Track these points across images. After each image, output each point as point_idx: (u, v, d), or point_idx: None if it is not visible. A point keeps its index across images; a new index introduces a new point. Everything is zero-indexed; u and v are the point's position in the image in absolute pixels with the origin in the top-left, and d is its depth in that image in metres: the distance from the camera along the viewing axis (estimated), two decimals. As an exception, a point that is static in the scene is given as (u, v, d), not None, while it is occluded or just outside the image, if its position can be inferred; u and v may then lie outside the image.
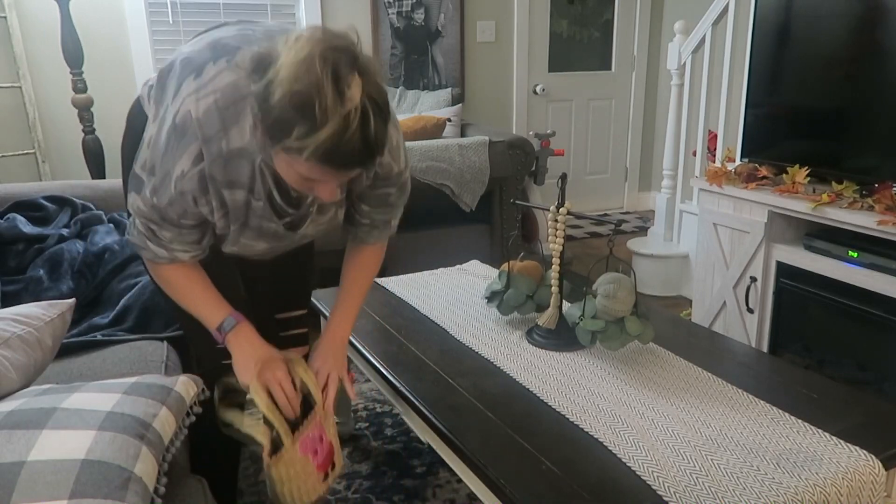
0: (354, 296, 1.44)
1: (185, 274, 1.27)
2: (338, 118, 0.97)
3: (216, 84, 1.10)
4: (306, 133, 0.98)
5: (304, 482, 1.30)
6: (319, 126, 0.97)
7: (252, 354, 1.28)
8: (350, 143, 0.99)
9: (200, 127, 1.09)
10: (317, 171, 1.04)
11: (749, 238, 2.41)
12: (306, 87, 0.96)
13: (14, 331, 1.21)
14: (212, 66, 1.12)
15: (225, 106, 1.09)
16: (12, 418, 0.96)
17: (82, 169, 3.28)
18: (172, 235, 1.20)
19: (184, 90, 1.12)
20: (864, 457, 1.16)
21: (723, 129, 3.01)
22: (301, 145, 0.99)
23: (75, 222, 2.08)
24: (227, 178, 1.13)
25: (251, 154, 1.12)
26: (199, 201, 1.15)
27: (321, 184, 1.09)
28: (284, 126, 0.99)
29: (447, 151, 3.15)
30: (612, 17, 4.69)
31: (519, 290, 1.70)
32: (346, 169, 1.06)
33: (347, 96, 0.97)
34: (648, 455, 1.17)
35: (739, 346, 1.68)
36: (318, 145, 0.98)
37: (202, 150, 1.10)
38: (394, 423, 2.20)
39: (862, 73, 2.12)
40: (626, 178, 5.00)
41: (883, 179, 2.03)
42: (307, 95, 0.96)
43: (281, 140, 1.01)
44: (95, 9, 3.41)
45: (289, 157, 1.04)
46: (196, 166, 1.11)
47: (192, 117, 1.09)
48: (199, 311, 1.30)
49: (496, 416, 1.30)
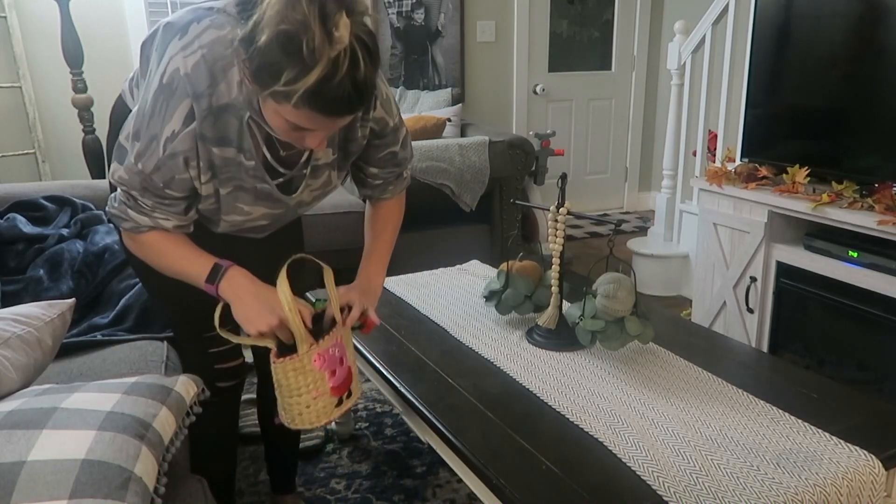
0: (384, 246, 1.44)
1: (165, 236, 1.21)
2: (326, 60, 0.94)
3: (202, 40, 1.08)
4: (295, 77, 0.95)
5: (317, 400, 1.23)
6: (308, 69, 0.94)
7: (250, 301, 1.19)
8: (340, 87, 0.97)
9: (191, 83, 1.06)
10: (305, 118, 1.02)
11: (749, 238, 2.41)
12: (293, 27, 0.94)
13: (14, 331, 1.21)
14: (196, 24, 1.10)
15: (213, 60, 1.07)
16: (12, 418, 0.96)
17: (82, 169, 3.28)
18: (154, 203, 1.16)
19: (169, 51, 1.09)
20: (864, 457, 1.16)
21: (723, 129, 3.01)
22: (289, 90, 0.96)
23: (75, 222, 2.08)
24: (216, 135, 1.11)
25: (238, 110, 1.10)
26: (190, 163, 1.12)
27: (310, 132, 1.06)
28: (272, 70, 0.96)
29: (447, 151, 3.15)
30: (612, 17, 4.69)
31: (517, 290, 1.70)
32: (336, 115, 1.03)
33: (336, 37, 0.94)
34: (648, 455, 1.17)
35: (739, 346, 1.68)
36: (307, 89, 0.96)
37: (193, 106, 1.07)
38: (394, 423, 2.20)
39: (862, 73, 2.12)
40: (626, 178, 5.00)
41: (883, 179, 2.03)
42: (294, 35, 0.94)
43: (269, 85, 0.98)
44: (95, 9, 3.42)
45: (277, 105, 1.01)
46: (187, 126, 1.08)
47: (180, 74, 1.06)
48: (185, 270, 1.23)
49: (496, 416, 1.30)
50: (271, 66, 0.96)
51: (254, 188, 1.20)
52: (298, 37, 0.93)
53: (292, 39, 0.94)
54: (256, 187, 1.20)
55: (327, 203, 2.77)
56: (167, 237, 1.21)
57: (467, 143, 3.21)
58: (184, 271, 1.23)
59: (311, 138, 1.08)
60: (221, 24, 1.09)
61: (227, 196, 1.20)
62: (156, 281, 1.42)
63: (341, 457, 2.03)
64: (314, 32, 0.93)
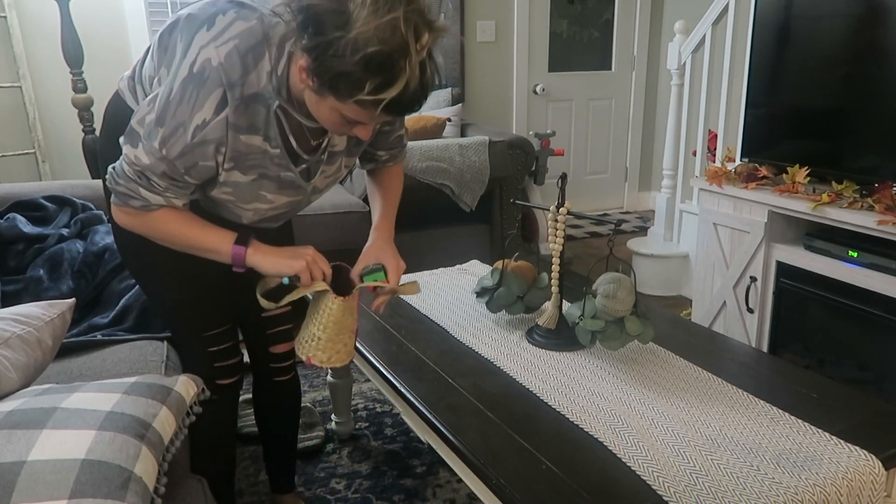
0: (391, 204, 1.49)
1: (178, 213, 1.22)
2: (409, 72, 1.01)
3: (232, 31, 1.11)
4: (377, 88, 1.01)
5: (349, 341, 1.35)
6: (393, 81, 1.00)
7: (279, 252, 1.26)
8: (414, 93, 1.04)
9: (225, 72, 1.09)
10: (366, 116, 1.08)
11: (749, 238, 2.41)
12: (393, 50, 0.99)
13: (14, 331, 1.21)
14: (222, 16, 1.13)
15: (245, 51, 1.10)
16: (12, 418, 0.96)
17: (82, 169, 3.28)
18: (168, 185, 1.17)
19: (198, 40, 1.11)
20: (864, 457, 1.16)
21: (723, 129, 3.01)
22: (373, 99, 1.02)
23: (75, 222, 2.08)
24: (246, 123, 1.14)
25: (266, 99, 1.14)
26: (220, 149, 1.14)
27: (361, 125, 1.13)
28: (356, 82, 1.01)
29: (447, 151, 3.15)
30: (612, 17, 4.69)
31: (510, 289, 1.70)
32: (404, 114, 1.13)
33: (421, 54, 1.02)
34: (648, 455, 1.17)
35: (739, 345, 1.68)
36: (393, 98, 1.02)
37: (226, 95, 1.10)
38: (394, 423, 2.20)
39: (862, 73, 2.12)
40: (626, 178, 5.00)
41: (883, 179, 2.03)
42: (393, 57, 0.99)
43: (350, 94, 1.03)
44: (95, 9, 3.42)
45: (340, 104, 1.06)
46: (218, 114, 1.10)
47: (212, 64, 1.09)
48: (205, 242, 1.24)
49: (496, 416, 1.30)
50: (357, 79, 1.01)
51: (277, 176, 1.24)
52: (396, 59, 0.99)
53: (390, 60, 0.99)
54: (280, 175, 1.24)
55: (327, 203, 2.77)
56: (180, 213, 1.23)
57: (467, 143, 3.21)
58: (203, 244, 1.24)
59: (360, 130, 1.14)
60: (247, 15, 1.12)
61: (251, 184, 1.22)
62: (154, 281, 1.43)
63: (341, 457, 2.03)
64: (412, 54, 1.00)
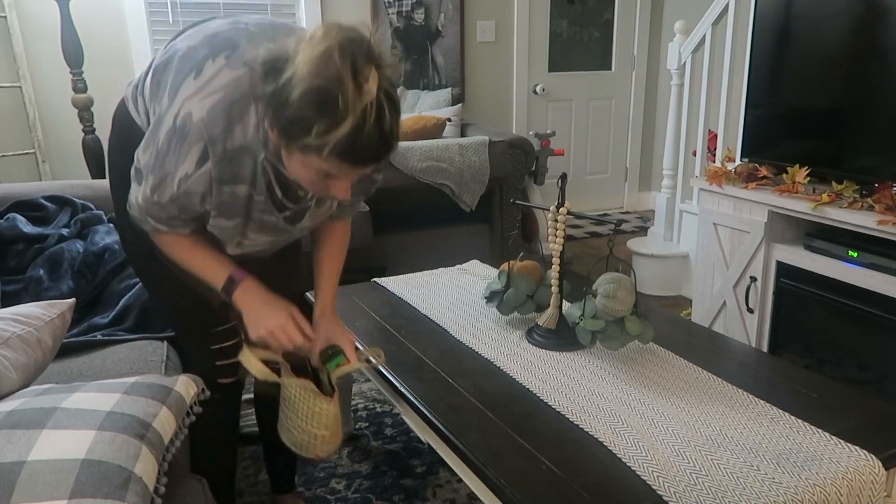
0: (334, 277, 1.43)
1: (183, 239, 1.26)
2: (357, 113, 0.97)
3: (217, 83, 1.10)
4: (325, 130, 0.98)
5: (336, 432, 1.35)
6: (340, 121, 0.97)
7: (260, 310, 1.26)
8: (368, 138, 1.00)
9: (206, 127, 1.08)
10: (334, 168, 1.04)
11: (749, 238, 2.41)
12: (326, 82, 0.96)
13: (14, 331, 1.21)
14: (211, 63, 1.12)
15: (229, 104, 1.09)
16: (12, 418, 0.96)
17: (82, 169, 3.28)
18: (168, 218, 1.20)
19: (184, 90, 1.11)
20: (864, 457, 1.16)
21: (723, 129, 3.01)
22: (321, 142, 0.99)
23: (75, 222, 2.08)
24: (230, 174, 1.13)
25: (253, 151, 1.12)
26: (206, 199, 1.15)
27: (337, 182, 1.09)
28: (303, 124, 0.99)
29: (447, 151, 3.15)
30: (612, 17, 4.69)
31: (519, 290, 1.70)
32: (364, 164, 1.06)
33: (365, 90, 0.97)
34: (648, 455, 1.17)
35: (739, 345, 1.68)
36: (338, 142, 0.99)
37: (207, 150, 1.09)
38: (394, 423, 2.20)
39: (862, 73, 2.12)
40: (626, 178, 5.00)
41: (883, 179, 2.03)
42: (327, 90, 0.96)
43: (299, 139, 1.01)
44: (95, 9, 3.41)
45: (304, 157, 1.04)
46: (200, 168, 1.11)
47: (193, 119, 1.08)
48: (204, 273, 1.28)
49: (496, 416, 1.30)
50: (302, 121, 0.99)
51: (260, 220, 1.23)
52: (332, 92, 0.96)
53: (326, 94, 0.96)
54: (263, 219, 1.23)
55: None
56: (185, 240, 1.26)
57: (467, 143, 3.21)
58: (202, 274, 1.28)
59: (336, 187, 1.10)
60: (236, 64, 1.11)
61: (235, 226, 1.22)
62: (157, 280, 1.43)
63: (341, 457, 2.03)
64: (347, 87, 0.96)
